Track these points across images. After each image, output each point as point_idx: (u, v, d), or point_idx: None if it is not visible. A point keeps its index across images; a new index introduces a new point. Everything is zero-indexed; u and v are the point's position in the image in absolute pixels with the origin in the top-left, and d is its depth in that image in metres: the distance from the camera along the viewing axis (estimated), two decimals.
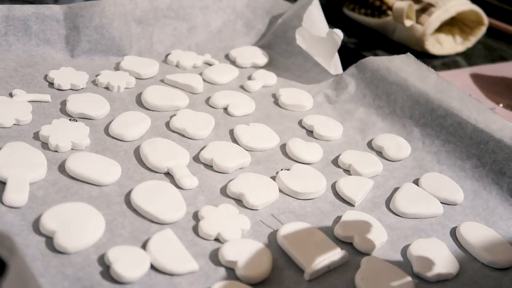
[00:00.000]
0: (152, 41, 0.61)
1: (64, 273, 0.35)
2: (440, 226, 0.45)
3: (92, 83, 0.54)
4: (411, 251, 0.42)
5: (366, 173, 0.49)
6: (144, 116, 0.50)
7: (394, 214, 0.46)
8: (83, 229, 0.37)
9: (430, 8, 0.72)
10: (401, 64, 0.58)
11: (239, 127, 0.52)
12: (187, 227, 0.41)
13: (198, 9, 0.63)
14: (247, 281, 0.37)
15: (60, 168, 0.43)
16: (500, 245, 0.43)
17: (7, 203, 0.38)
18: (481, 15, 0.75)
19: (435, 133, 0.54)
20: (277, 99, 0.58)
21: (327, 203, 0.46)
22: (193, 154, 0.48)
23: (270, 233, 0.42)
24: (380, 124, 0.56)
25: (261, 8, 0.67)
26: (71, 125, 0.47)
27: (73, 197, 0.41)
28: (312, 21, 0.62)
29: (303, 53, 0.63)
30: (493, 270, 0.42)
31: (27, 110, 0.48)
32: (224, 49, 0.65)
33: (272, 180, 0.46)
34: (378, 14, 0.76)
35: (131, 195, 0.41)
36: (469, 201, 0.48)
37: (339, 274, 0.39)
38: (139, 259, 0.36)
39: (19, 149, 0.43)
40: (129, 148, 0.47)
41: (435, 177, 0.50)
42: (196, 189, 0.44)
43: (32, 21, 0.54)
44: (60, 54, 0.56)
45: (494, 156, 0.50)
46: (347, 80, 0.60)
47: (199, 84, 0.57)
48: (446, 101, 0.54)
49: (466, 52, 0.77)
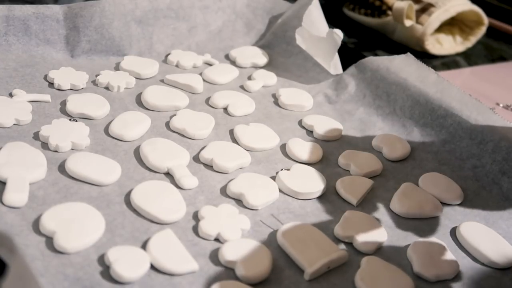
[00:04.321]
0: (152, 41, 0.61)
1: (64, 273, 0.35)
2: (440, 226, 0.45)
3: (92, 83, 0.54)
4: (411, 251, 0.42)
5: (366, 173, 0.49)
6: (144, 116, 0.50)
7: (394, 214, 0.46)
8: (83, 229, 0.37)
9: (430, 8, 0.72)
10: (401, 64, 0.58)
11: (239, 127, 0.52)
12: (187, 227, 0.40)
13: (198, 9, 0.63)
14: (247, 281, 0.37)
15: (60, 168, 0.43)
16: (500, 245, 0.43)
17: (7, 203, 0.38)
18: (481, 15, 0.75)
19: (435, 133, 0.54)
20: (277, 99, 0.58)
21: (327, 203, 0.46)
22: (193, 154, 0.48)
23: (270, 233, 0.42)
24: (380, 124, 0.56)
25: (261, 8, 0.67)
26: (71, 125, 0.47)
27: (73, 197, 0.41)
28: (312, 21, 0.62)
29: (303, 53, 0.63)
30: (493, 270, 0.42)
31: (27, 110, 0.48)
32: (224, 49, 0.65)
33: (272, 180, 0.46)
34: (378, 14, 0.76)
35: (131, 195, 0.41)
36: (469, 201, 0.48)
37: (339, 274, 0.39)
38: (139, 259, 0.36)
39: (19, 149, 0.43)
40: (129, 148, 0.47)
41: (435, 177, 0.50)
42: (196, 189, 0.44)
43: (32, 21, 0.54)
44: (60, 54, 0.56)
45: (494, 156, 0.50)
46: (347, 80, 0.60)
47: (199, 84, 0.57)
48: (446, 101, 0.54)
49: (466, 52, 0.77)
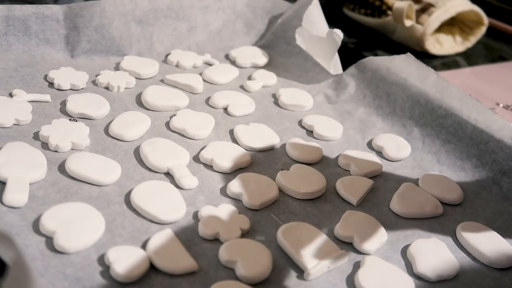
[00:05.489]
0: (152, 41, 0.61)
1: (64, 273, 0.35)
2: (440, 226, 0.45)
3: (92, 83, 0.54)
4: (411, 251, 0.42)
5: (366, 173, 0.49)
6: (144, 116, 0.50)
7: (394, 214, 0.46)
8: (83, 229, 0.37)
9: (430, 8, 0.72)
10: (401, 64, 0.58)
11: (239, 127, 0.52)
12: (187, 227, 0.40)
13: (198, 9, 0.63)
14: (247, 281, 0.37)
15: (60, 168, 0.43)
16: (500, 245, 0.43)
17: (7, 203, 0.38)
18: (481, 15, 0.75)
19: (435, 133, 0.54)
20: (277, 99, 0.58)
21: (327, 203, 0.46)
22: (193, 154, 0.48)
23: (270, 233, 0.42)
24: (380, 124, 0.56)
25: (261, 8, 0.67)
26: (71, 125, 0.47)
27: (73, 197, 0.41)
28: (312, 21, 0.62)
29: (303, 53, 0.63)
30: (493, 270, 0.42)
31: (27, 110, 0.48)
32: (224, 49, 0.65)
33: (272, 180, 0.46)
34: (378, 14, 0.76)
35: (131, 195, 0.41)
36: (469, 201, 0.48)
37: (339, 274, 0.39)
38: (139, 259, 0.36)
39: (19, 149, 0.43)
40: (129, 148, 0.47)
41: (435, 177, 0.50)
42: (196, 189, 0.44)
43: (32, 21, 0.54)
44: (60, 54, 0.56)
45: (494, 156, 0.50)
46: (347, 80, 0.60)
47: (199, 84, 0.57)
48: (446, 101, 0.54)
49: (466, 52, 0.77)
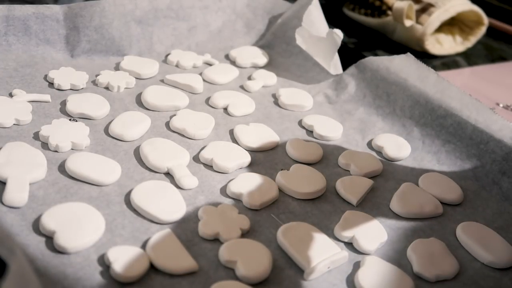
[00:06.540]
0: (152, 41, 0.61)
1: (64, 273, 0.35)
2: (440, 226, 0.45)
3: (92, 83, 0.54)
4: (411, 251, 0.42)
5: (366, 173, 0.49)
6: (144, 116, 0.50)
7: (394, 214, 0.46)
8: (83, 229, 0.37)
9: (430, 8, 0.72)
10: (401, 64, 0.58)
11: (239, 127, 0.52)
12: (187, 227, 0.40)
13: (198, 9, 0.63)
14: (247, 281, 0.37)
15: (60, 168, 0.43)
16: (500, 245, 0.43)
17: (7, 203, 0.38)
18: (481, 15, 0.75)
19: (435, 133, 0.54)
20: (277, 99, 0.58)
21: (327, 203, 0.46)
22: (193, 154, 0.48)
23: (270, 233, 0.42)
24: (380, 124, 0.56)
25: (261, 8, 0.67)
26: (71, 125, 0.47)
27: (73, 197, 0.41)
28: (312, 21, 0.62)
29: (303, 53, 0.63)
30: (493, 270, 0.42)
31: (27, 110, 0.48)
32: (224, 49, 0.65)
33: (272, 180, 0.46)
34: (378, 14, 0.76)
35: (131, 195, 0.41)
36: (469, 201, 0.48)
37: (339, 274, 0.39)
38: (139, 259, 0.36)
39: (19, 149, 0.43)
40: (129, 148, 0.47)
41: (435, 177, 0.50)
42: (196, 189, 0.44)
43: (32, 21, 0.54)
44: (60, 54, 0.56)
45: (494, 156, 0.50)
46: (347, 80, 0.60)
47: (199, 84, 0.57)
48: (446, 101, 0.54)
49: (466, 52, 0.77)
